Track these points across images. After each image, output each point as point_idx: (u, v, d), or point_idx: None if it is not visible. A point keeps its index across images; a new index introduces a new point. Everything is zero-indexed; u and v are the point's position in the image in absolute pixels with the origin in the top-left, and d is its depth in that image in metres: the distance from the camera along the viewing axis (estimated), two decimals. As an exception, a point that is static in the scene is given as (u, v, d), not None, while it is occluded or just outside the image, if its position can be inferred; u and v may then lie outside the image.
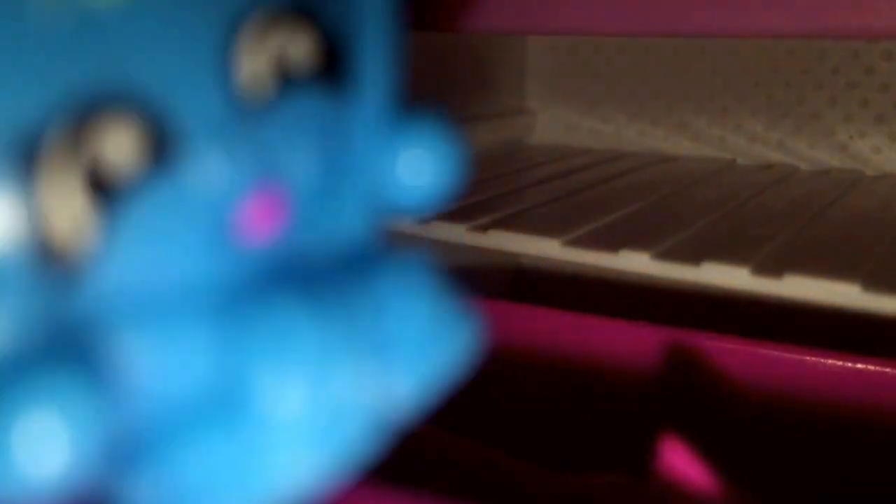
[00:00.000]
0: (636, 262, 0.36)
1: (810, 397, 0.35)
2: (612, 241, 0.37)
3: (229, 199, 0.13)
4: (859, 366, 0.32)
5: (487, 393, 0.44)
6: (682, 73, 0.60)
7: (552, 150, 0.63)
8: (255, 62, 0.13)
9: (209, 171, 0.12)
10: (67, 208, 0.11)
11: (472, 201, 0.44)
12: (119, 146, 0.12)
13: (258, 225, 0.13)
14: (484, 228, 0.39)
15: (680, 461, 0.20)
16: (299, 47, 0.13)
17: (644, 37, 0.60)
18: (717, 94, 0.59)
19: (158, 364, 0.12)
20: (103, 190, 0.12)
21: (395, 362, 0.14)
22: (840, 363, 0.32)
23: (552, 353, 0.42)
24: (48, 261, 0.11)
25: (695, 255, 0.35)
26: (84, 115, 0.11)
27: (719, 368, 0.37)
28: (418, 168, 0.17)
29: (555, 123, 0.66)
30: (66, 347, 0.11)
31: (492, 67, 0.63)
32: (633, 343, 0.40)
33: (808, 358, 0.34)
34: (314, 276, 0.14)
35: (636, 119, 0.62)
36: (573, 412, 0.42)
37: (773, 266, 0.34)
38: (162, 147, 0.12)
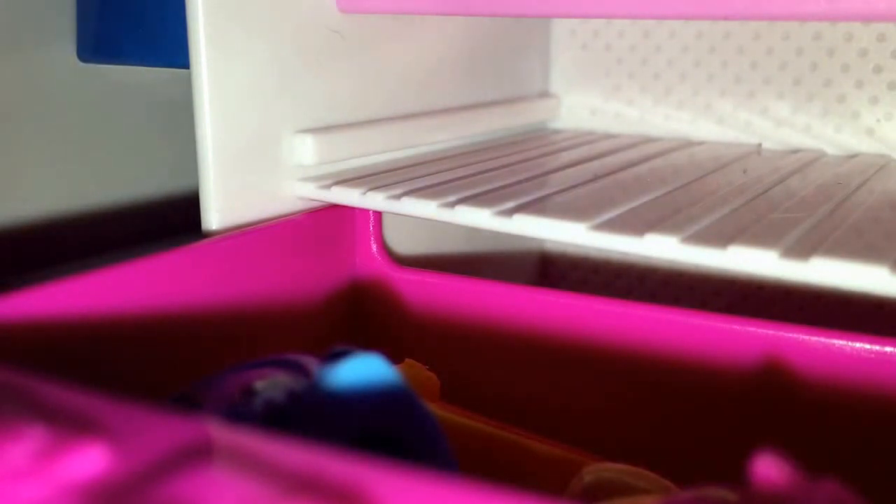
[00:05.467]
0: (663, 247, 0.35)
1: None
2: (638, 225, 0.37)
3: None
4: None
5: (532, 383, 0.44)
6: (708, 57, 0.60)
7: (577, 134, 0.63)
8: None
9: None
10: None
11: (497, 186, 0.44)
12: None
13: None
14: (509, 213, 0.39)
15: (772, 471, 0.20)
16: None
17: (665, 19, 0.60)
18: (742, 78, 0.59)
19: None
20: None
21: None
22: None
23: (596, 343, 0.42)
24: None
25: (721, 239, 0.35)
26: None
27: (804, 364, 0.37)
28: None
29: (579, 108, 0.65)
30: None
31: (515, 52, 0.62)
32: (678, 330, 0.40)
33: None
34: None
35: (661, 103, 0.62)
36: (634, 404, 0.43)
37: (800, 250, 0.34)
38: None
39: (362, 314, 0.48)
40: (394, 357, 0.29)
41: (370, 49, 0.49)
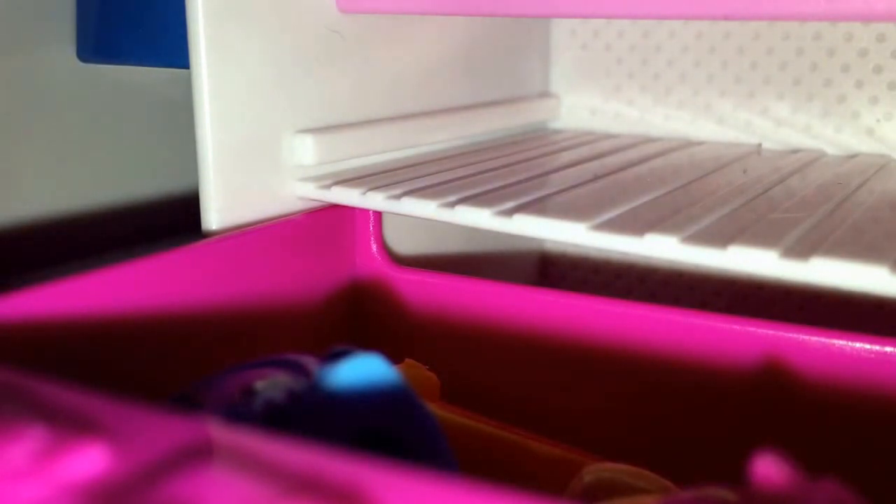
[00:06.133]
0: (663, 247, 0.35)
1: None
2: (638, 225, 0.37)
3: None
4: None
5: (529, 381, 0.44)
6: (708, 57, 0.60)
7: (577, 134, 0.63)
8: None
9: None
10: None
11: (497, 186, 0.44)
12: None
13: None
14: (509, 213, 0.39)
15: (771, 471, 0.20)
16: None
17: (664, 19, 0.60)
18: (742, 78, 0.59)
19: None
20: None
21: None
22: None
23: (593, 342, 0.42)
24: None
25: (721, 239, 0.35)
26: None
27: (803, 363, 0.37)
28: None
29: (579, 108, 0.65)
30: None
31: (515, 52, 0.62)
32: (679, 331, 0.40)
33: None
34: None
35: (661, 103, 0.62)
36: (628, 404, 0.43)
37: (800, 250, 0.34)
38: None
39: (362, 314, 0.48)
40: (394, 357, 0.29)
41: (370, 49, 0.49)
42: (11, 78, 0.58)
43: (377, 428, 0.26)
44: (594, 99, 0.65)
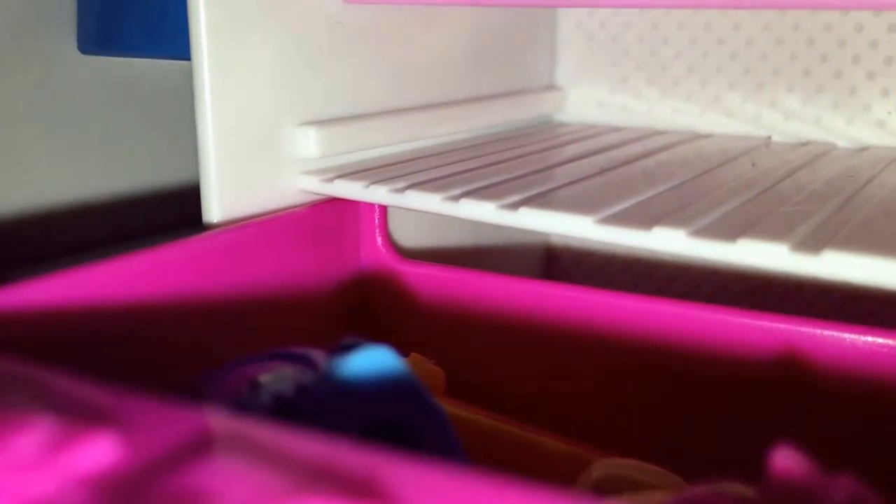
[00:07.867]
0: (671, 240, 0.35)
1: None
2: (645, 219, 0.37)
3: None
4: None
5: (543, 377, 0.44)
6: (716, 49, 0.59)
7: (583, 127, 0.63)
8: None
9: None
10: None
11: (502, 179, 0.44)
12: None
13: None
14: (514, 207, 0.39)
15: (790, 465, 0.19)
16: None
17: (675, 7, 0.59)
18: (752, 70, 0.58)
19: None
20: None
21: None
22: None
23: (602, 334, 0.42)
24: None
25: (730, 232, 0.35)
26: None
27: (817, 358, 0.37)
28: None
29: (586, 100, 0.65)
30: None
31: (521, 44, 0.62)
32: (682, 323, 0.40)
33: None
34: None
35: (669, 95, 0.62)
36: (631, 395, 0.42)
37: (811, 244, 0.33)
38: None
39: (368, 307, 0.48)
40: (399, 350, 0.29)
41: (374, 41, 0.49)
42: (13, 70, 0.58)
43: (387, 419, 0.25)
44: (600, 91, 0.64)
